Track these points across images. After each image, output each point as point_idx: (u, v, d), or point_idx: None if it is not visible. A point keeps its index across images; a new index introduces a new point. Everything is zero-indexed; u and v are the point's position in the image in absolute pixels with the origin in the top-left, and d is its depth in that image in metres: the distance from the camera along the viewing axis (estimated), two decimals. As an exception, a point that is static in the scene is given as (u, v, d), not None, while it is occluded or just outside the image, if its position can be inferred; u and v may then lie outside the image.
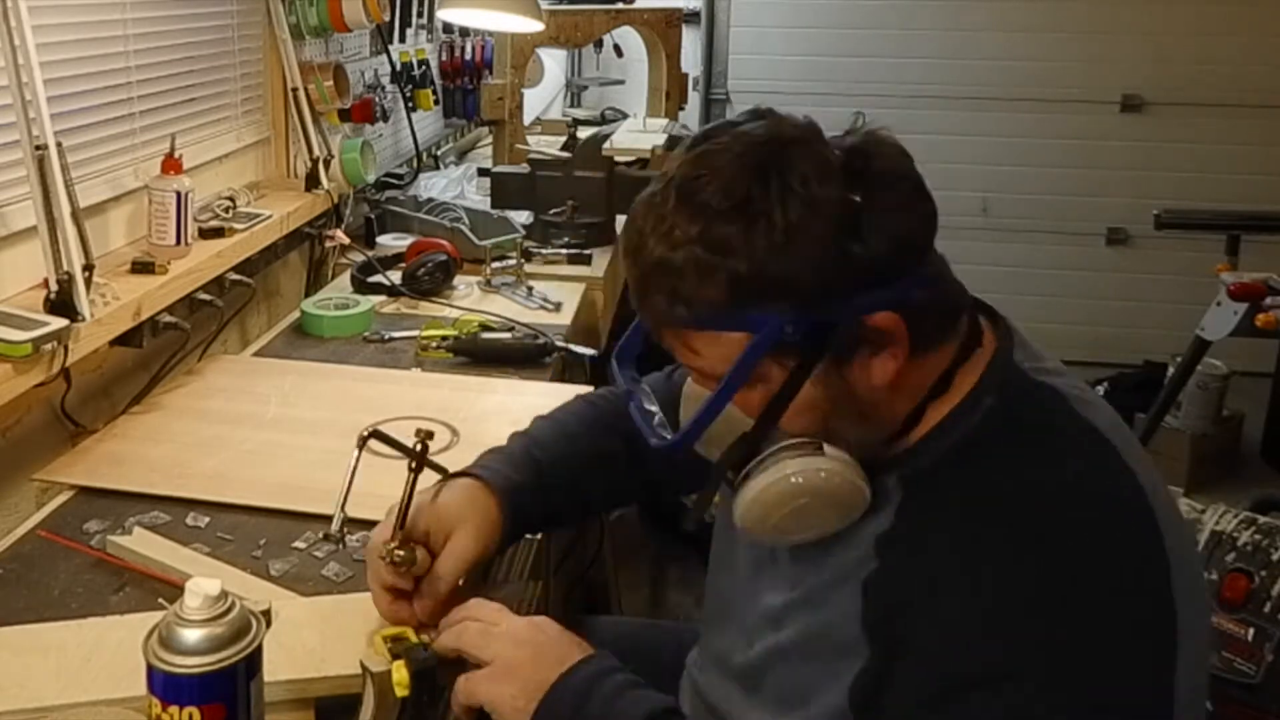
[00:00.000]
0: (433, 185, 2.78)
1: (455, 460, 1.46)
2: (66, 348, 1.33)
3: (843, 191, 0.82)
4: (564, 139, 2.71)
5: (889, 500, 0.90)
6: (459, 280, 2.18)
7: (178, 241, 1.62)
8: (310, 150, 2.11)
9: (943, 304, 0.90)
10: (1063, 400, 0.90)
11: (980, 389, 0.90)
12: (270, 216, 1.89)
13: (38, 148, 1.30)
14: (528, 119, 3.16)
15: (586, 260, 2.36)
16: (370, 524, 1.29)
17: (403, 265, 2.17)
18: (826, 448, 0.88)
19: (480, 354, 1.81)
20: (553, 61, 3.86)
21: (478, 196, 2.73)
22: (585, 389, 1.72)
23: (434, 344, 1.82)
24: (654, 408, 1.00)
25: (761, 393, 0.87)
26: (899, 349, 0.85)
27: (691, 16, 4.19)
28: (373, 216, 2.45)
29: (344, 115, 2.30)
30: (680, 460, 0.99)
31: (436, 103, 2.84)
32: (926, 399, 0.90)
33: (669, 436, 0.95)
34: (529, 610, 1.61)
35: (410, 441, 1.06)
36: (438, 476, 1.11)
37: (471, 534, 1.05)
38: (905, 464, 0.90)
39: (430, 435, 1.04)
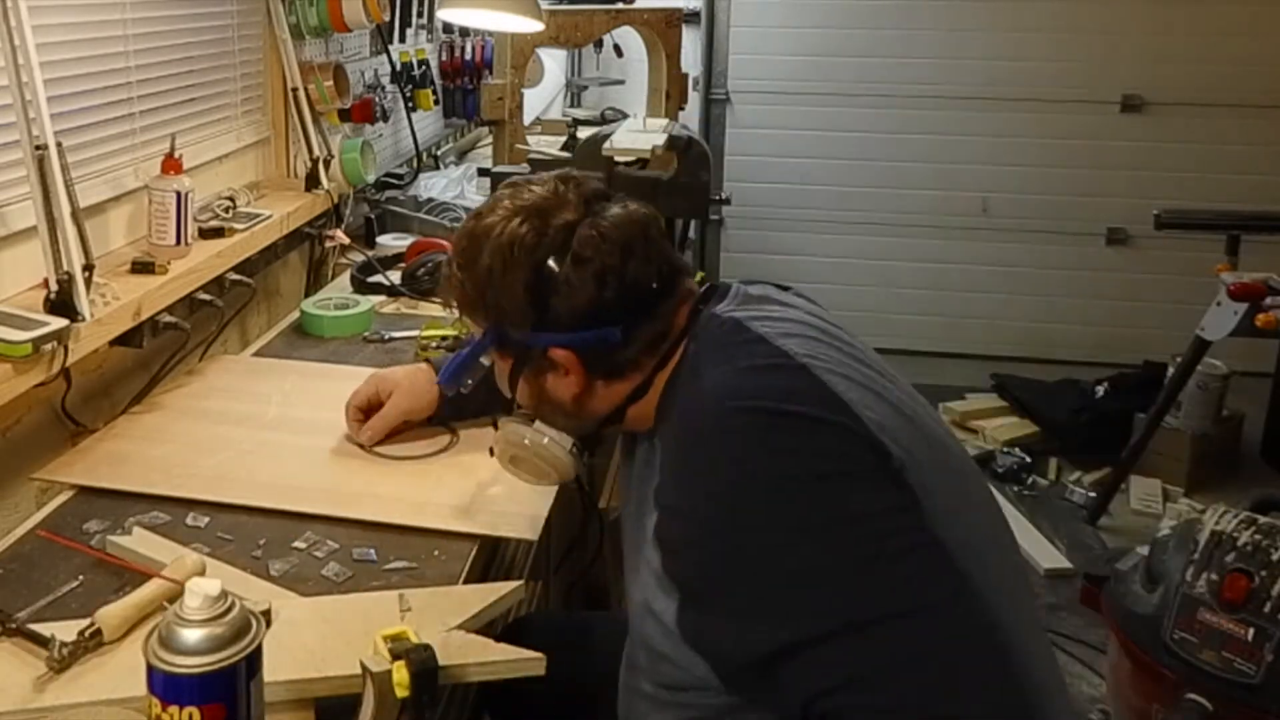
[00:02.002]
0: (433, 185, 2.78)
1: (454, 460, 1.47)
2: (66, 348, 1.33)
3: (536, 268, 1.06)
4: (564, 139, 2.72)
5: (658, 460, 1.06)
6: (459, 280, 2.17)
7: (178, 241, 1.62)
8: (310, 150, 2.11)
9: (631, 354, 1.09)
10: (735, 322, 1.07)
11: (685, 348, 1.09)
12: (270, 216, 1.89)
13: (38, 148, 1.30)
14: (528, 119, 3.16)
15: (586, 260, 2.35)
16: (370, 523, 1.30)
17: (403, 265, 2.17)
18: (536, 423, 1.16)
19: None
20: (553, 61, 3.86)
21: (478, 196, 2.73)
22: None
23: (434, 344, 1.82)
24: (448, 363, 1.23)
25: (501, 371, 1.16)
26: (576, 377, 1.10)
27: (691, 16, 4.18)
28: (373, 216, 2.45)
29: (344, 115, 2.30)
30: None
31: (436, 103, 2.84)
32: (626, 403, 1.11)
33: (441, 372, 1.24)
34: (528, 610, 1.61)
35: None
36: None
37: (405, 391, 1.50)
38: (655, 428, 1.10)
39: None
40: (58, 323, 1.31)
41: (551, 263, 1.06)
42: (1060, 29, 4.19)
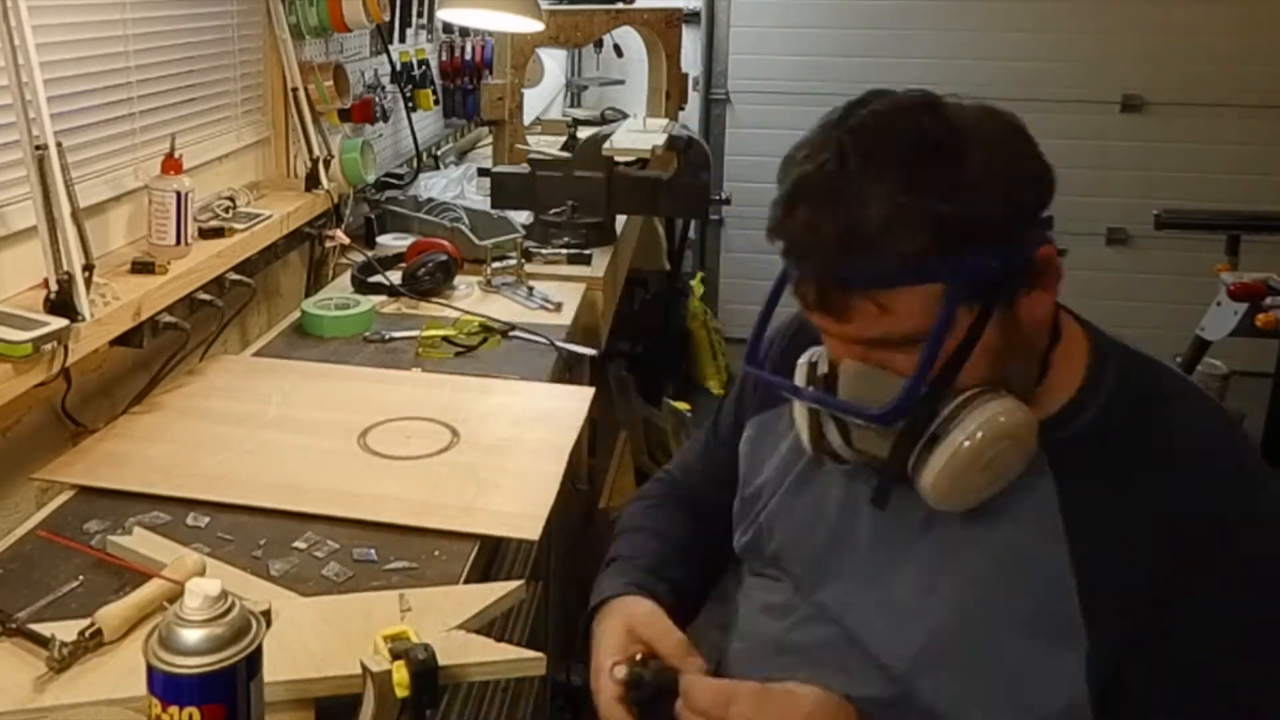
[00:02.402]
0: (433, 185, 2.77)
1: (454, 460, 1.47)
2: (66, 348, 1.33)
3: (987, 144, 0.85)
4: (564, 139, 2.71)
5: (1040, 469, 0.90)
6: (459, 280, 2.18)
7: (178, 241, 1.62)
8: (310, 150, 2.11)
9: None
10: (1165, 366, 0.97)
11: (1099, 356, 0.95)
12: (270, 216, 1.89)
13: (38, 148, 1.30)
14: (528, 119, 3.16)
15: (586, 260, 2.36)
16: (370, 524, 1.30)
17: (403, 265, 2.17)
18: (1000, 391, 0.88)
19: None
20: (553, 61, 3.86)
21: (478, 196, 2.73)
22: (586, 390, 1.72)
23: (435, 344, 1.82)
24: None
25: (943, 347, 0.86)
26: (1052, 282, 0.89)
27: (691, 16, 4.19)
28: (373, 216, 2.45)
29: (344, 115, 2.30)
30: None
31: (436, 103, 2.84)
32: (1049, 345, 0.94)
33: (875, 411, 0.89)
34: (528, 610, 1.61)
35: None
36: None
37: (658, 620, 1.05)
38: (1049, 431, 0.90)
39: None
40: (58, 323, 1.31)
41: (993, 132, 0.87)
42: (1060, 29, 4.19)
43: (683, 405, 3.13)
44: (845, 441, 0.95)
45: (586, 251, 2.38)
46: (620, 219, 2.62)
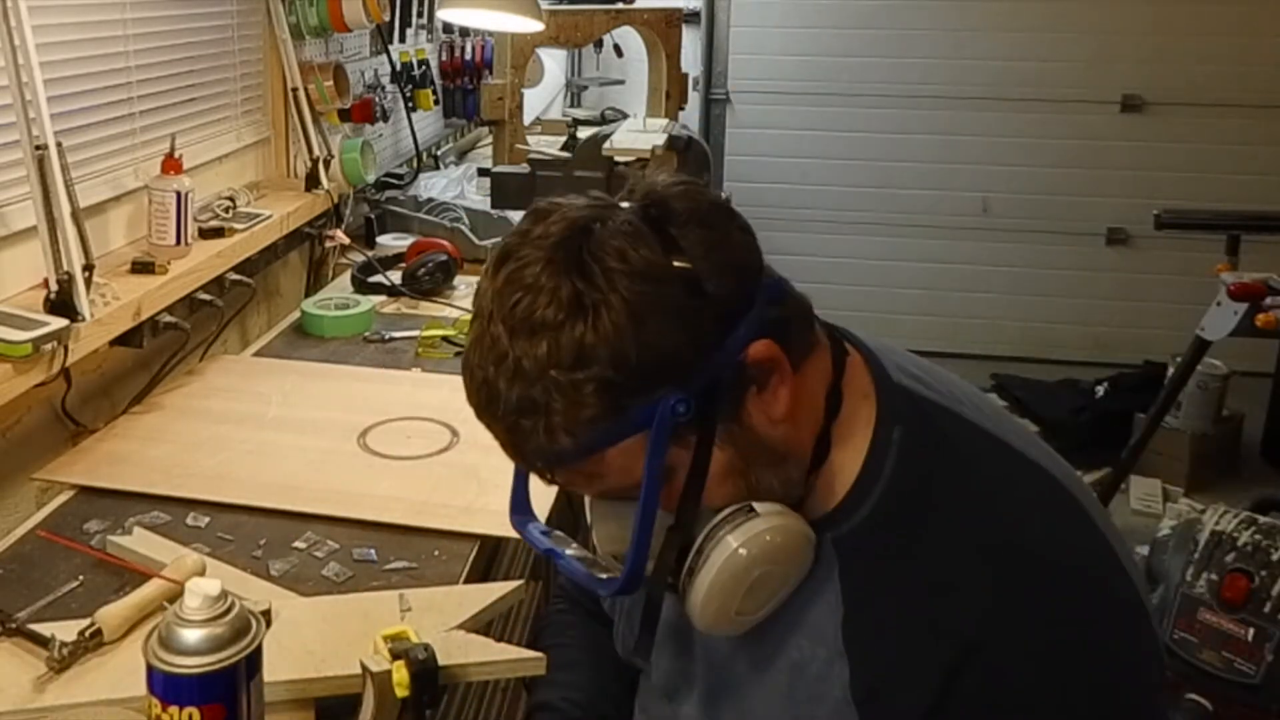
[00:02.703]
0: (433, 185, 2.77)
1: (454, 460, 1.46)
2: (66, 348, 1.33)
3: (662, 248, 0.77)
4: (564, 139, 2.71)
5: (828, 570, 0.84)
6: (459, 280, 2.18)
7: (178, 241, 1.62)
8: (310, 150, 2.11)
9: (796, 309, 0.85)
10: (961, 422, 0.87)
11: (884, 423, 0.85)
12: (270, 216, 1.89)
13: (38, 148, 1.30)
14: (528, 119, 3.16)
15: (586, 260, 2.35)
16: (370, 523, 1.29)
17: (403, 265, 2.17)
18: (756, 506, 0.81)
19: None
20: (553, 61, 3.86)
21: (478, 196, 2.73)
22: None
23: (435, 344, 1.82)
24: (578, 553, 0.90)
25: (674, 482, 0.81)
26: (783, 372, 0.81)
27: (691, 16, 4.18)
28: (373, 216, 2.45)
29: (344, 115, 2.30)
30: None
31: (436, 103, 2.84)
32: (826, 421, 0.85)
33: (609, 586, 0.84)
34: (528, 610, 1.61)
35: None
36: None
37: None
38: (835, 525, 0.84)
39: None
40: (58, 323, 1.31)
41: (670, 235, 0.78)
42: (1060, 29, 4.19)
43: (682, 405, 3.13)
44: None
45: (586, 251, 2.37)
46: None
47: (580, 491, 0.87)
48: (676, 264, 0.77)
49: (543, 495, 0.98)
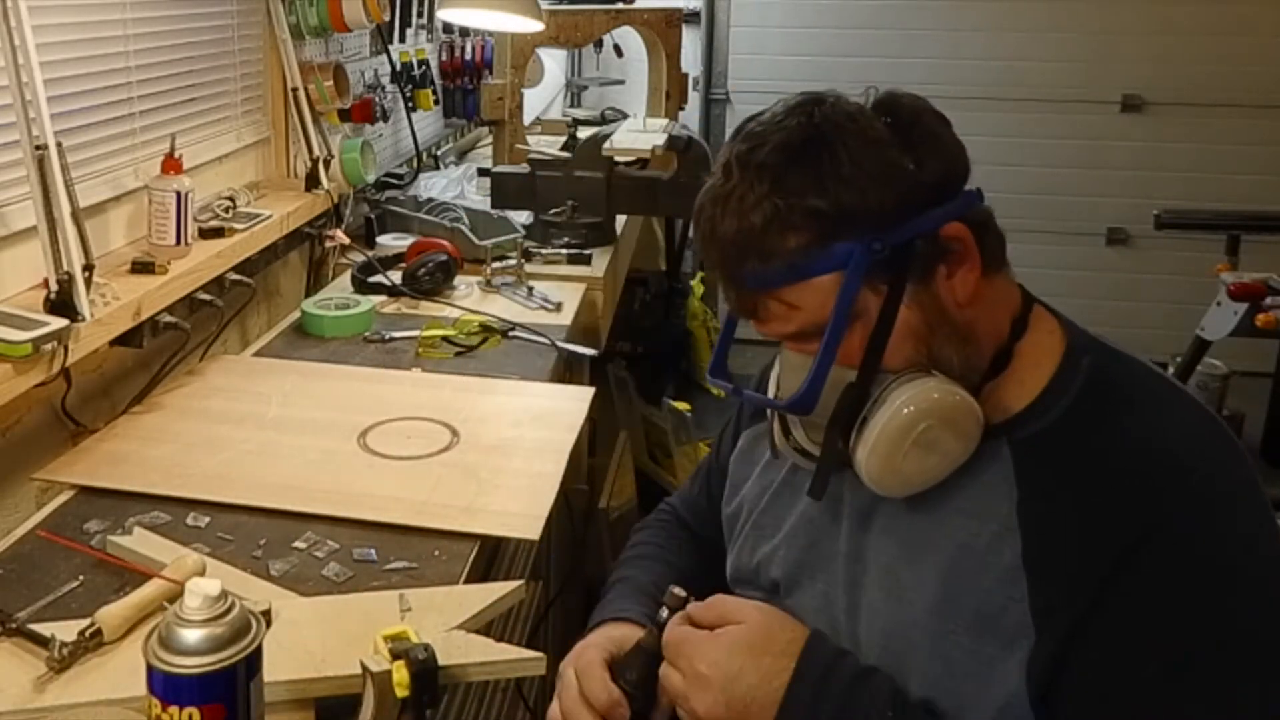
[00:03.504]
0: (433, 185, 2.77)
1: (454, 460, 1.47)
2: (66, 348, 1.33)
3: (885, 132, 0.89)
4: (564, 139, 2.72)
5: (1003, 467, 0.90)
6: (459, 280, 2.18)
7: (178, 241, 1.62)
8: (310, 150, 2.11)
9: (995, 229, 0.94)
10: (1147, 368, 0.95)
11: (1072, 353, 0.94)
12: (270, 216, 1.89)
13: (38, 148, 1.30)
14: (528, 119, 3.16)
15: (586, 260, 2.36)
16: (370, 523, 1.29)
17: (403, 265, 2.17)
18: (934, 371, 0.90)
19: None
20: (553, 61, 3.86)
21: (478, 196, 2.73)
22: (586, 390, 1.72)
23: (435, 344, 1.82)
24: (757, 392, 1.04)
25: (860, 333, 0.90)
26: (973, 260, 0.90)
27: (691, 16, 4.19)
28: (373, 216, 2.45)
29: (344, 115, 2.30)
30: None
31: (436, 103, 2.84)
32: (1011, 339, 0.94)
33: (786, 401, 0.93)
34: (528, 610, 1.61)
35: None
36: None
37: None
38: (1014, 429, 0.92)
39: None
40: (58, 323, 1.31)
41: (891, 121, 0.91)
42: (1060, 29, 4.19)
43: (683, 405, 3.13)
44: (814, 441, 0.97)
45: (586, 251, 2.38)
46: (620, 219, 2.62)
47: (776, 334, 0.95)
48: (895, 140, 0.88)
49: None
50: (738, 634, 0.92)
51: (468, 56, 3.02)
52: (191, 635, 0.84)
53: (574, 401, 1.66)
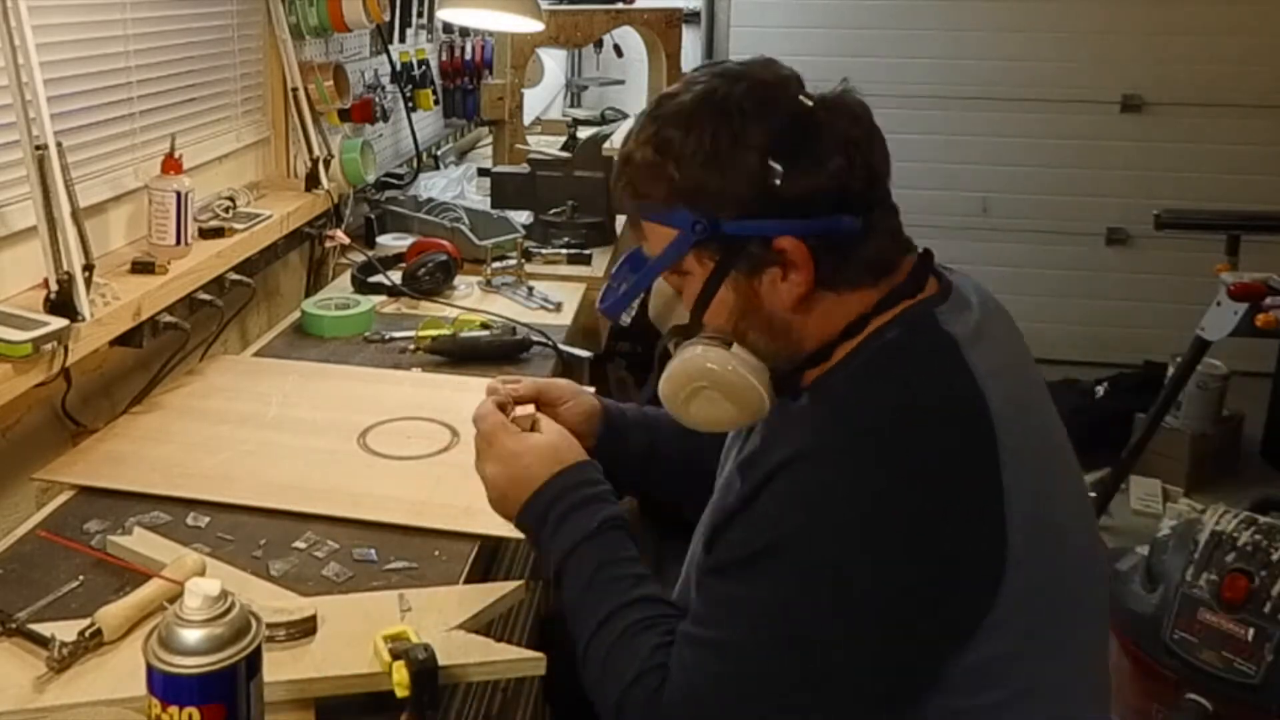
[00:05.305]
0: (433, 185, 2.77)
1: (454, 460, 1.46)
2: (66, 348, 1.33)
3: (769, 138, 0.94)
4: (564, 139, 2.72)
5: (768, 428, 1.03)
6: (459, 280, 2.18)
7: (178, 241, 1.62)
8: (310, 150, 2.11)
9: (868, 254, 0.99)
10: (951, 341, 0.98)
11: (887, 326, 0.99)
12: (270, 216, 1.89)
13: (38, 148, 1.30)
14: (528, 119, 3.16)
15: (586, 260, 2.36)
16: (370, 523, 1.30)
17: (403, 265, 2.17)
18: (735, 347, 1.00)
19: (456, 352, 1.81)
20: (553, 61, 3.86)
21: (478, 196, 2.73)
22: (586, 390, 1.72)
23: (424, 345, 1.82)
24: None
25: (690, 286, 1.02)
26: (803, 275, 0.96)
27: (691, 16, 4.18)
28: (373, 216, 2.45)
29: (344, 115, 2.30)
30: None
31: (436, 103, 2.84)
32: (839, 338, 0.99)
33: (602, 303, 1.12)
34: (528, 610, 1.61)
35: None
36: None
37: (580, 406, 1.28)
38: (817, 389, 1.01)
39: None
40: (58, 323, 1.31)
41: (787, 130, 0.95)
42: (1060, 29, 4.19)
43: (683, 405, 3.13)
44: None
45: (586, 251, 2.38)
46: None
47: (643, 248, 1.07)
48: (767, 153, 0.94)
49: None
50: (537, 439, 1.14)
51: (468, 56, 3.02)
52: (191, 635, 0.84)
53: (574, 401, 1.66)
